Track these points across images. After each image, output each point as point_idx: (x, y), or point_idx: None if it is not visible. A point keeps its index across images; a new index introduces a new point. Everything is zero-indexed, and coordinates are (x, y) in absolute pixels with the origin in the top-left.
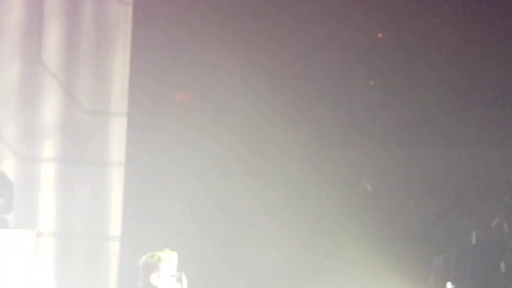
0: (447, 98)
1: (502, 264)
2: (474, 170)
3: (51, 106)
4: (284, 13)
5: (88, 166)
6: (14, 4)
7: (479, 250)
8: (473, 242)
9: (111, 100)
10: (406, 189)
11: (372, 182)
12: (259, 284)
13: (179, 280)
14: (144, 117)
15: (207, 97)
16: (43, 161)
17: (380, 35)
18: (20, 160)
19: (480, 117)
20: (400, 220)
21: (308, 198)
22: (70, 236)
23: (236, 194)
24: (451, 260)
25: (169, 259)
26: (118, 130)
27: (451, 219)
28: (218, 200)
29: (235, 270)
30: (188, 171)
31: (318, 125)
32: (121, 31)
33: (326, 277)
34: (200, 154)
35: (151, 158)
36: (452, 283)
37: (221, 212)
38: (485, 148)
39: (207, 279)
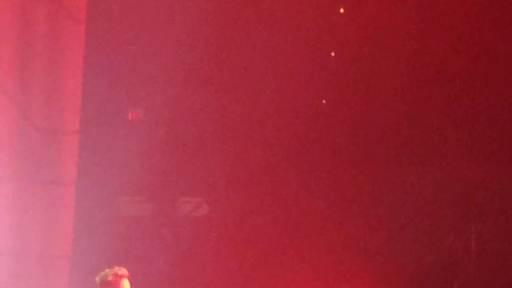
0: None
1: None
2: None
3: (2, 124)
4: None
5: (40, 184)
6: None
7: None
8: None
9: (63, 118)
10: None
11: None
12: None
13: None
14: (97, 135)
15: (160, 116)
16: None
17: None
18: None
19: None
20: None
21: None
22: (21, 255)
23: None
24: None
25: (122, 277)
26: (70, 148)
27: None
28: (170, 217)
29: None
30: (139, 189)
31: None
32: (74, 49)
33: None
34: (151, 172)
35: (103, 177)
36: None
37: (172, 228)
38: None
39: None
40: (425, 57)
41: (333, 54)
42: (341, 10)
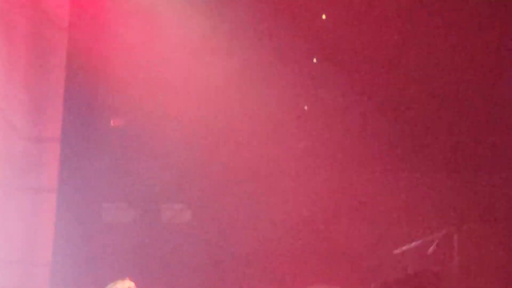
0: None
1: None
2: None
3: None
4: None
5: (20, 191)
6: None
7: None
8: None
9: (44, 125)
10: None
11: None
12: None
13: None
14: (78, 142)
15: (142, 122)
16: None
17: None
18: None
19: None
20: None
21: None
22: (1, 261)
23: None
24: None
25: None
26: (51, 155)
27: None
28: (153, 224)
29: None
30: (122, 197)
31: None
32: (56, 57)
33: None
34: (134, 181)
35: (84, 183)
36: None
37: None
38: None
39: None
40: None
41: (315, 60)
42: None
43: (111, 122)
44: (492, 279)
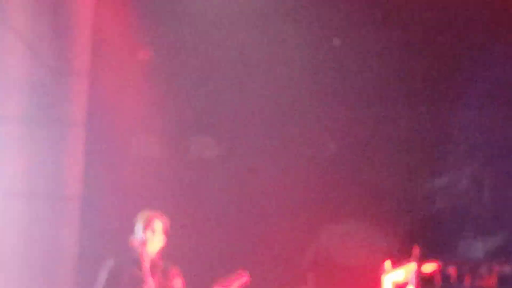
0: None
1: (468, 228)
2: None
3: (13, 64)
4: None
5: (49, 124)
6: None
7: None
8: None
9: (73, 59)
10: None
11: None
12: None
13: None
14: (106, 75)
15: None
16: (4, 119)
17: None
18: None
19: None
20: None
21: None
22: (32, 195)
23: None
24: (416, 224)
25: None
26: (79, 88)
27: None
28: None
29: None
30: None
31: None
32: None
33: None
34: (162, 112)
35: (113, 118)
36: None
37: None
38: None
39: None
40: None
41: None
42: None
43: (140, 54)
44: None
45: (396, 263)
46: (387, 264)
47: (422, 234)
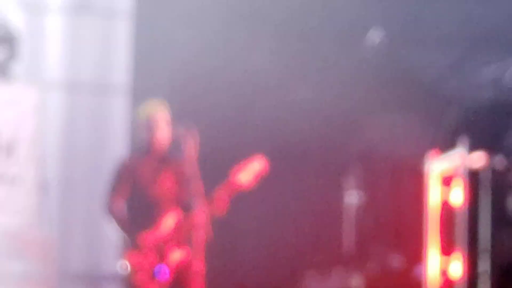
0: None
1: None
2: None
3: None
4: None
5: (94, 16)
6: None
7: (492, 105)
8: (487, 97)
9: None
10: (417, 40)
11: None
12: None
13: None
14: None
15: None
16: (49, 10)
17: None
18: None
19: None
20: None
21: None
22: (75, 86)
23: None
24: (463, 115)
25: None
26: None
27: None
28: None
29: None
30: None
31: None
32: None
33: None
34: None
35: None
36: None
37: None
38: None
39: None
40: None
41: None
42: None
43: None
44: None
45: (443, 154)
46: (434, 154)
47: (471, 125)
